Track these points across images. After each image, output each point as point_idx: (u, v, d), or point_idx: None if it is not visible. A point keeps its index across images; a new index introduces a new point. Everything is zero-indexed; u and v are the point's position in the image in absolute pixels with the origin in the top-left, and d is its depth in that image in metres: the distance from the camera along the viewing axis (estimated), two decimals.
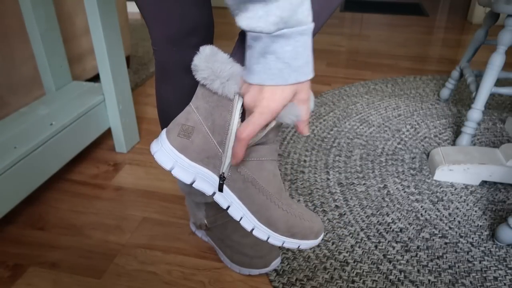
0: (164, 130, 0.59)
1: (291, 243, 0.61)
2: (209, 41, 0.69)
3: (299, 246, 0.61)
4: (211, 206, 0.89)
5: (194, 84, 0.72)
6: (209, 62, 0.52)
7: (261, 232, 0.60)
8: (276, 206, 0.59)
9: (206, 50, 0.53)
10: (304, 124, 0.51)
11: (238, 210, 0.59)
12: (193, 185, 0.58)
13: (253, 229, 0.60)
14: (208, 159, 0.57)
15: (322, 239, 0.89)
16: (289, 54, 0.45)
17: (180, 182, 0.90)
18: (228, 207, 0.59)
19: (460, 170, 1.15)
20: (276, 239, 0.60)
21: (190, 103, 0.58)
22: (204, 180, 0.59)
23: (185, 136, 0.57)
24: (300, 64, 0.46)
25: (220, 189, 0.57)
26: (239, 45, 0.55)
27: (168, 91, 0.74)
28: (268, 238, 0.60)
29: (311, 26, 0.45)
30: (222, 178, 0.57)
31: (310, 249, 0.94)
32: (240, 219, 0.59)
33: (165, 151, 0.57)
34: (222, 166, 0.57)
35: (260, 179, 0.58)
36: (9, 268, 0.89)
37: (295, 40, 0.44)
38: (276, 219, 0.59)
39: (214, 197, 0.59)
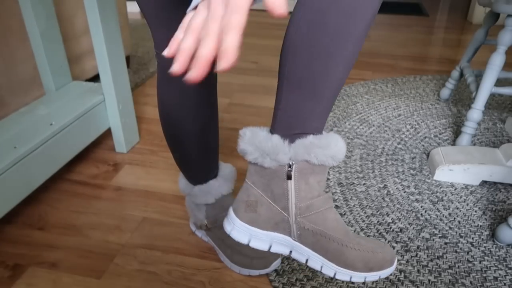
0: (231, 209, 0.65)
1: (372, 276, 0.64)
2: None
3: (379, 277, 0.65)
4: (212, 207, 0.88)
5: (195, 87, 0.72)
6: (253, 144, 0.58)
7: (343, 274, 0.64)
8: (348, 249, 0.63)
9: (247, 134, 0.59)
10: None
11: (316, 261, 0.64)
12: (271, 250, 0.64)
13: (335, 274, 0.64)
14: (277, 225, 0.63)
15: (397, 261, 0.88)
16: None
17: (180, 183, 0.90)
18: (307, 260, 0.64)
19: (460, 170, 1.15)
20: (358, 277, 0.64)
21: (246, 179, 0.63)
22: (279, 243, 0.65)
23: (251, 211, 0.63)
24: None
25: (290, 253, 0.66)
26: (274, 115, 0.60)
27: (170, 94, 0.74)
28: (350, 278, 0.64)
29: None
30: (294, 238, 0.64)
31: None
32: (321, 268, 0.64)
33: (238, 228, 0.64)
34: (292, 230, 0.63)
35: (327, 229, 0.63)
36: (9, 268, 0.89)
37: None
38: (352, 260, 0.63)
39: (292, 255, 0.65)
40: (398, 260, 0.89)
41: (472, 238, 0.97)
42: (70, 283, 0.86)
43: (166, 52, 0.39)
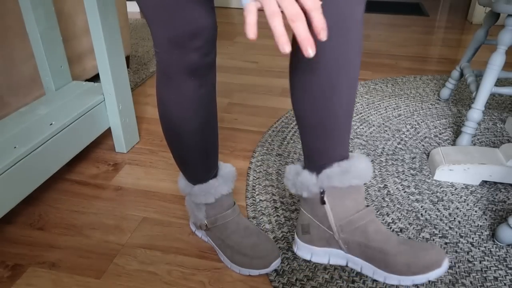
0: (295, 232, 0.83)
1: (419, 279, 0.70)
2: (211, 44, 0.69)
3: (428, 279, 0.70)
4: (211, 206, 0.88)
5: (195, 87, 0.72)
6: (290, 179, 0.77)
7: (391, 279, 0.71)
8: (391, 256, 0.70)
9: (286, 170, 0.78)
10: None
11: (368, 269, 0.74)
12: (330, 263, 0.77)
13: (385, 278, 0.72)
14: (327, 242, 0.76)
15: (449, 262, 0.87)
16: None
17: (180, 182, 0.91)
18: (361, 268, 0.75)
19: (460, 170, 1.15)
20: (406, 281, 0.70)
21: (300, 206, 0.79)
22: (335, 256, 0.77)
23: (306, 233, 0.77)
24: None
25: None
26: (303, 151, 0.75)
27: (170, 93, 0.74)
28: (399, 282, 0.71)
29: None
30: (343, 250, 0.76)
31: None
32: (373, 274, 0.73)
33: (301, 247, 0.79)
34: (340, 244, 0.75)
35: (368, 241, 0.72)
36: (8, 268, 0.89)
37: None
38: (397, 265, 0.70)
39: (349, 265, 0.76)
40: (450, 260, 0.88)
41: (472, 238, 0.97)
42: (70, 283, 0.86)
43: (252, 35, 0.41)
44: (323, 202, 0.72)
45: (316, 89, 0.65)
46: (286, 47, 0.40)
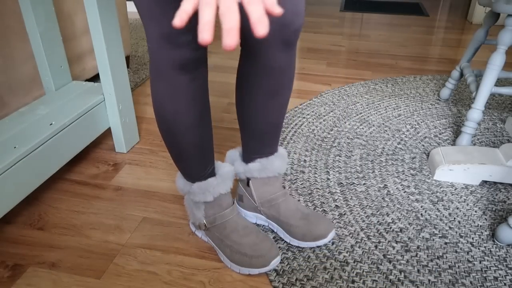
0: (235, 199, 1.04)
1: (311, 244, 0.94)
2: None
3: (317, 245, 0.94)
4: (210, 205, 0.88)
5: (187, 81, 0.73)
6: (229, 162, 0.99)
7: (294, 242, 0.95)
8: (293, 227, 0.95)
9: (226, 155, 1.01)
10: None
11: (280, 232, 0.98)
12: (256, 223, 1.02)
13: (290, 241, 0.96)
14: (254, 209, 1.01)
15: (335, 234, 1.02)
16: None
17: (178, 182, 0.91)
18: (276, 230, 0.99)
19: (460, 170, 1.15)
20: (303, 244, 0.95)
21: (239, 180, 1.01)
22: (261, 220, 1.01)
23: (241, 201, 1.02)
24: None
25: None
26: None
27: (163, 88, 0.74)
28: (299, 244, 0.95)
29: None
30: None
31: (310, 249, 0.94)
32: (283, 236, 0.97)
33: (239, 210, 1.03)
34: (263, 213, 1.02)
35: (280, 215, 0.97)
36: (8, 268, 0.89)
37: None
38: (297, 234, 0.95)
39: (269, 226, 1.01)
40: (335, 229, 1.02)
41: (472, 238, 0.97)
42: (70, 283, 0.86)
43: (178, 22, 0.40)
44: (249, 185, 0.96)
45: (260, 99, 0.82)
46: (205, 35, 0.39)
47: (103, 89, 1.21)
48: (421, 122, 1.51)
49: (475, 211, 1.06)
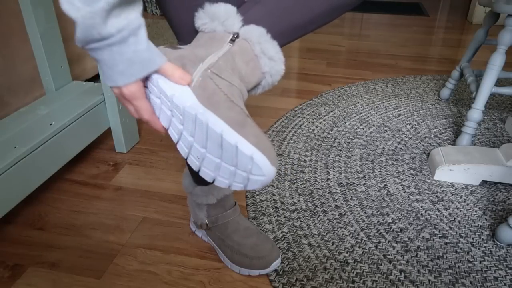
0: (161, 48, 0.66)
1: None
2: None
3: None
4: (213, 206, 0.89)
5: None
6: (209, 12, 0.63)
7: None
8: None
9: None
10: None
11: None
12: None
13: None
14: (190, 62, 0.65)
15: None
16: (107, 61, 0.52)
17: (184, 181, 0.91)
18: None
19: (460, 170, 1.15)
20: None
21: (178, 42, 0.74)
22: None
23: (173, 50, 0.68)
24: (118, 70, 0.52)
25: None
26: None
27: None
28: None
29: (116, 38, 0.49)
30: None
31: (310, 249, 0.94)
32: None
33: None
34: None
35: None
36: (8, 268, 0.89)
37: (108, 50, 0.51)
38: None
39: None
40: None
41: (472, 238, 0.97)
42: (70, 283, 0.86)
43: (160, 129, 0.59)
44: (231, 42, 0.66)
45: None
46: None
47: (103, 89, 1.21)
48: (421, 122, 1.51)
49: (475, 211, 1.06)
